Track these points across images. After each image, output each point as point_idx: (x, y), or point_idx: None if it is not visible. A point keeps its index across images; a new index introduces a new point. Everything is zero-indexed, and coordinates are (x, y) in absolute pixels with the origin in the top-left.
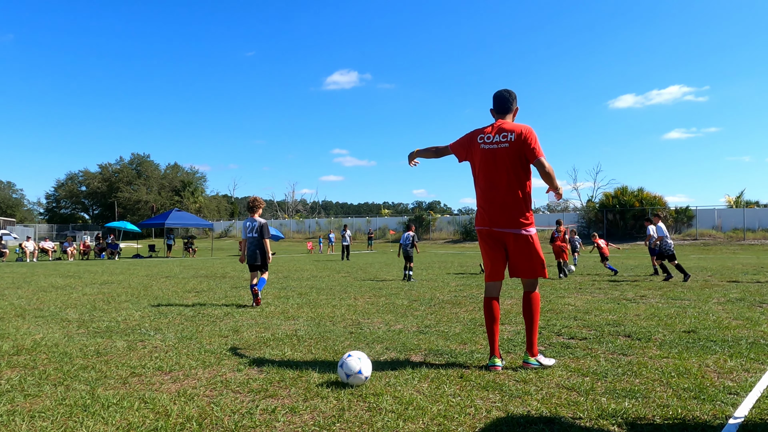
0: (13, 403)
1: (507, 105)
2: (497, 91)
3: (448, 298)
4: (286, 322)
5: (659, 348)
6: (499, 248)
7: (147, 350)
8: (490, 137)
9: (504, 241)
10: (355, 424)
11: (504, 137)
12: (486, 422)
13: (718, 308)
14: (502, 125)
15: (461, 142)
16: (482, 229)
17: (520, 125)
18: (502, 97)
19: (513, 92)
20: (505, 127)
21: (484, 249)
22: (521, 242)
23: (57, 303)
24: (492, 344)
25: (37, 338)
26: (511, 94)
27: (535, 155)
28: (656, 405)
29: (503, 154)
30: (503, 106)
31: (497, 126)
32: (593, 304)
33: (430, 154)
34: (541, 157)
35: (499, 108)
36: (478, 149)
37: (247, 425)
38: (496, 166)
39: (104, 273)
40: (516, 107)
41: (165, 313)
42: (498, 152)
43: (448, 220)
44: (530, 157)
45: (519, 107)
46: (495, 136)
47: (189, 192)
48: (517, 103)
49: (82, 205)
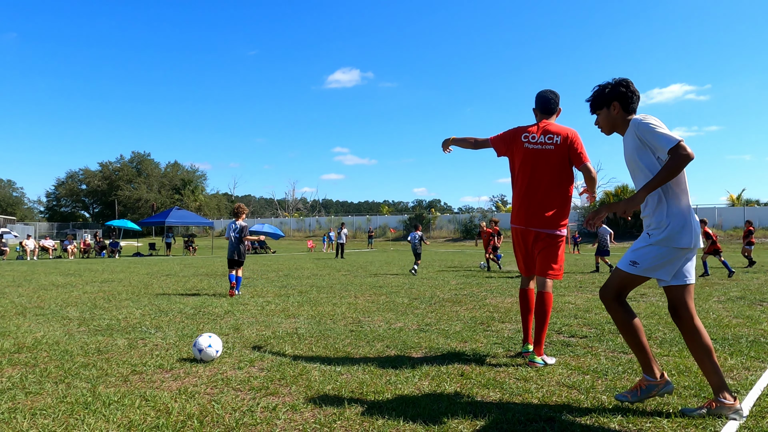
0: (15, 401)
1: (552, 106)
2: (542, 91)
3: (449, 297)
4: (287, 320)
5: (659, 346)
6: (527, 248)
7: (148, 348)
8: (535, 137)
9: (535, 240)
10: (355, 422)
11: (549, 139)
12: (487, 420)
13: (718, 306)
14: (548, 126)
15: (503, 138)
16: (517, 227)
17: (567, 128)
18: (547, 97)
19: (557, 93)
20: (551, 129)
21: (518, 246)
22: (551, 242)
23: (58, 301)
24: (525, 332)
25: (38, 336)
26: (556, 95)
27: (582, 160)
28: (656, 403)
29: (548, 156)
30: (548, 106)
31: (542, 127)
32: (594, 303)
33: (467, 144)
34: (587, 162)
35: (544, 108)
36: (521, 147)
37: (248, 423)
38: (538, 167)
39: (105, 271)
40: (560, 108)
41: (165, 311)
42: (542, 153)
43: (449, 218)
44: (577, 162)
45: (562, 108)
46: (540, 137)
47: (189, 190)
48: (560, 104)
49: (83, 203)
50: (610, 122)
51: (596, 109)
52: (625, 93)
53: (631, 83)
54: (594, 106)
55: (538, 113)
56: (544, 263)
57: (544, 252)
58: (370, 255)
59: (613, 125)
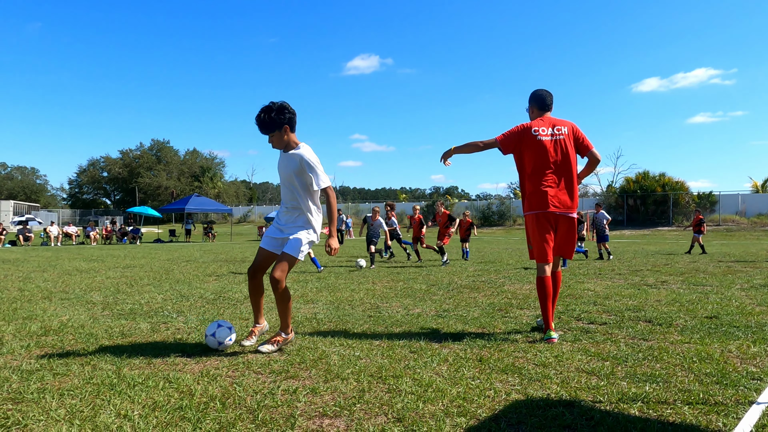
0: (43, 382)
1: (548, 102)
2: (537, 90)
3: (466, 283)
4: (306, 305)
5: (680, 333)
6: (551, 230)
7: (170, 332)
8: (545, 130)
9: (554, 223)
10: (375, 405)
11: (558, 130)
12: (505, 404)
13: (741, 294)
14: (552, 120)
15: (511, 136)
16: (539, 213)
17: (568, 121)
18: (543, 96)
19: (551, 92)
20: (556, 122)
21: (538, 232)
22: (571, 224)
23: (82, 286)
24: (548, 318)
25: (64, 320)
26: (550, 94)
27: (588, 147)
28: (677, 389)
29: (564, 145)
30: (545, 103)
31: (548, 120)
32: (613, 290)
33: (472, 149)
34: (593, 148)
35: (542, 106)
36: (532, 141)
37: (269, 405)
38: (554, 155)
39: (126, 257)
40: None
41: (186, 296)
42: (559, 143)
43: (466, 205)
44: (584, 149)
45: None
46: (549, 129)
47: (208, 177)
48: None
49: (104, 190)
50: (284, 142)
51: (269, 131)
52: (292, 117)
53: (289, 107)
54: (267, 128)
55: (535, 110)
56: (569, 245)
57: (568, 234)
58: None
59: (285, 144)
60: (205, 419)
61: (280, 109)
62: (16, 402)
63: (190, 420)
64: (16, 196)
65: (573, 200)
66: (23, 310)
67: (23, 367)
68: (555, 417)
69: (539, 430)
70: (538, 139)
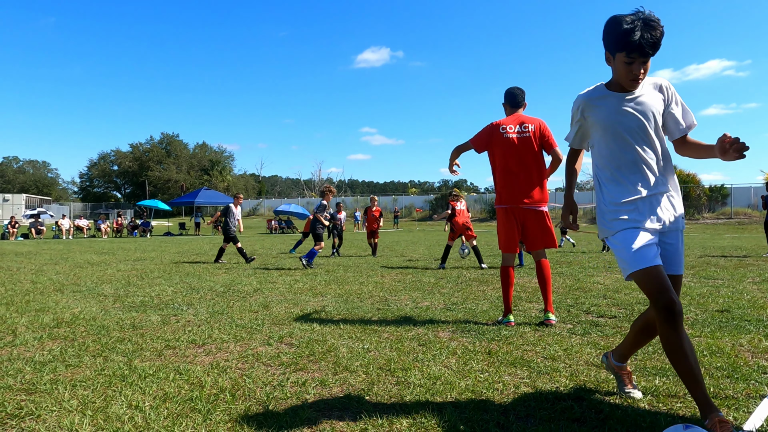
0: (56, 373)
1: (519, 100)
2: (510, 88)
3: (475, 276)
4: (315, 298)
5: (691, 327)
6: (517, 224)
7: (180, 324)
8: (512, 127)
9: (523, 218)
10: (384, 397)
11: (525, 128)
12: (514, 398)
13: (753, 288)
14: (520, 117)
15: (480, 137)
16: (507, 207)
17: (536, 119)
18: (514, 93)
19: (523, 89)
20: (524, 120)
21: (506, 225)
22: (539, 217)
23: (93, 278)
24: (508, 304)
25: (76, 312)
26: (522, 91)
27: (552, 146)
28: None
29: (526, 142)
30: (515, 101)
31: (516, 118)
32: (623, 283)
33: (457, 153)
34: (556, 147)
35: (513, 103)
36: (500, 138)
37: (279, 397)
38: (521, 151)
39: (137, 250)
40: (525, 103)
41: (196, 288)
42: (522, 140)
43: (475, 198)
44: (547, 147)
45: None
46: (517, 127)
47: (217, 171)
48: (525, 99)
49: (115, 184)
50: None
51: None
52: None
53: None
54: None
55: (508, 108)
56: (540, 236)
57: (538, 226)
58: (396, 235)
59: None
60: (215, 411)
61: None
62: (29, 393)
63: (200, 411)
64: (28, 189)
65: (541, 194)
66: (36, 303)
67: (36, 358)
68: (564, 410)
69: (548, 423)
70: (505, 137)
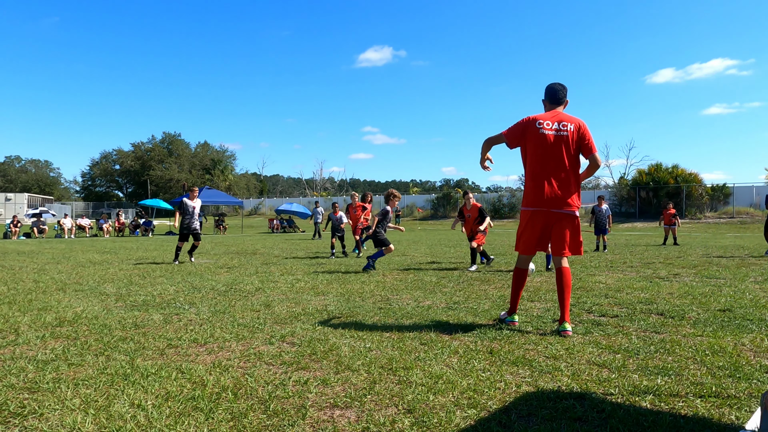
0: (59, 372)
1: (560, 96)
2: (551, 84)
3: (477, 276)
4: (316, 297)
5: (693, 326)
6: (541, 229)
7: (182, 323)
8: (550, 124)
9: (550, 221)
10: (385, 396)
11: (564, 126)
12: (516, 397)
13: (755, 287)
14: (560, 115)
15: (515, 130)
16: (533, 210)
17: (577, 119)
18: (555, 89)
19: (565, 86)
20: (564, 118)
21: (528, 229)
22: (569, 221)
23: (95, 277)
24: (515, 304)
25: (78, 311)
26: (564, 87)
27: (591, 150)
28: (690, 382)
29: (563, 141)
30: (556, 97)
31: (554, 115)
32: (625, 282)
33: (488, 146)
34: (595, 152)
35: (553, 99)
36: (536, 134)
37: (281, 395)
38: (555, 150)
39: (139, 249)
40: (567, 100)
41: (198, 287)
42: (560, 138)
43: (477, 198)
44: (586, 151)
45: (569, 101)
46: (555, 124)
47: (219, 170)
48: (567, 96)
49: (117, 183)
50: None
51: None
52: None
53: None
54: None
55: (547, 104)
56: (567, 241)
57: (563, 231)
58: (397, 234)
59: None
60: (217, 409)
61: None
62: (32, 391)
63: (202, 410)
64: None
65: (573, 197)
66: (38, 301)
67: (39, 357)
68: (566, 409)
69: (550, 422)
70: (541, 132)
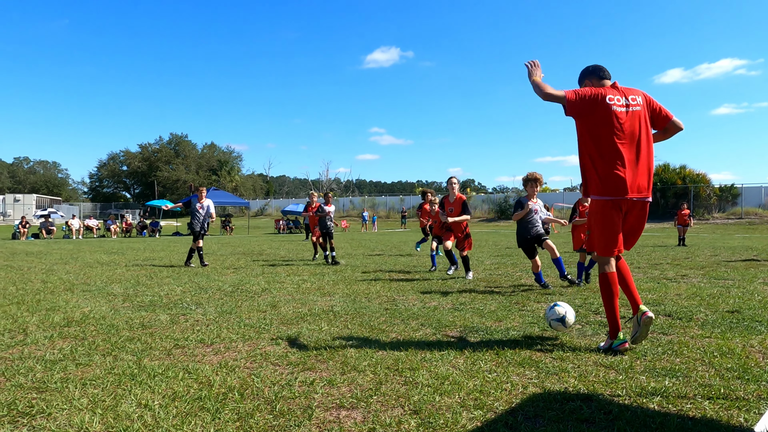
0: (66, 371)
1: (608, 75)
2: (590, 65)
3: (483, 276)
4: (322, 298)
5: (701, 328)
6: (621, 219)
7: (189, 324)
8: (620, 99)
9: (633, 211)
10: (391, 397)
11: (633, 100)
12: (523, 398)
13: (764, 288)
14: (624, 89)
15: (584, 98)
16: (614, 199)
17: (640, 90)
18: (600, 67)
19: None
20: (628, 91)
21: (608, 222)
22: (644, 211)
23: (103, 278)
24: (617, 322)
25: (86, 311)
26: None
27: (669, 117)
28: (698, 384)
29: (638, 117)
30: (604, 74)
31: (619, 89)
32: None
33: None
34: (673, 117)
35: (603, 75)
36: (607, 111)
37: (287, 396)
38: (633, 128)
39: (146, 250)
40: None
41: (205, 288)
42: (636, 115)
43: (483, 198)
44: (662, 121)
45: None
46: (623, 99)
47: (225, 171)
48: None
49: (124, 184)
50: None
51: None
52: None
53: None
54: None
55: (596, 83)
56: (637, 234)
57: (639, 222)
58: (403, 235)
59: None
60: (224, 409)
61: None
62: (40, 391)
63: (209, 410)
64: (39, 189)
65: (650, 183)
66: (46, 302)
67: (47, 357)
68: (572, 411)
69: (556, 423)
70: (612, 110)
